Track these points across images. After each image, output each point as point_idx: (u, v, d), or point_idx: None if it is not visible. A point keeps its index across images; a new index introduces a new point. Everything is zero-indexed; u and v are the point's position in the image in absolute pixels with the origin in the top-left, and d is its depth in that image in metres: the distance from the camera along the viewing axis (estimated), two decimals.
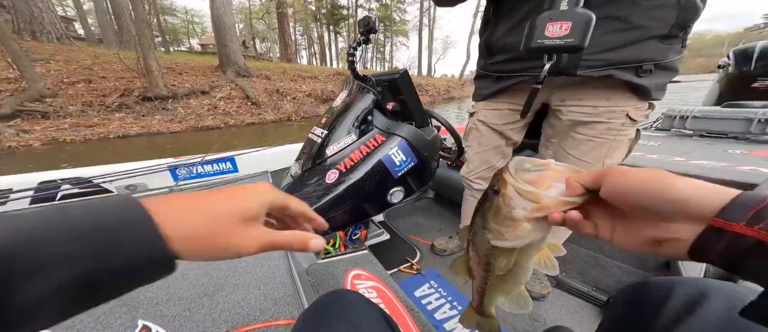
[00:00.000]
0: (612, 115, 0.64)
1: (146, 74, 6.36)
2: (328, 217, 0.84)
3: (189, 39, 34.06)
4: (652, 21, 0.55)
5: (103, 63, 7.28)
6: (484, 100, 0.86)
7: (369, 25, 0.84)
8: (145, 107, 6.32)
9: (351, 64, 0.91)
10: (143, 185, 1.22)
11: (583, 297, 0.90)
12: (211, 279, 0.61)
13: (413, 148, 0.86)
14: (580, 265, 1.01)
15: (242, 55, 9.48)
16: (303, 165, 0.92)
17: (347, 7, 26.27)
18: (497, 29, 0.74)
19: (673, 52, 0.58)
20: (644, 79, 0.59)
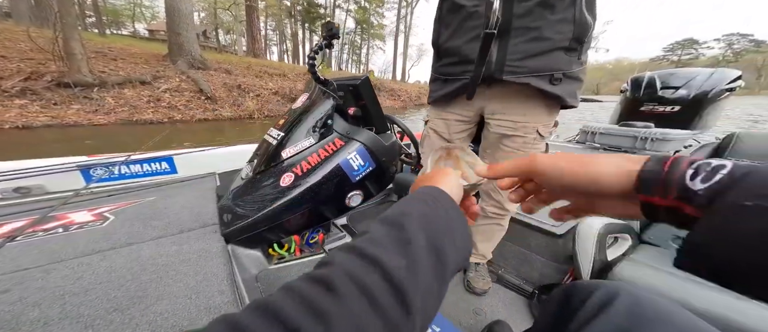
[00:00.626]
0: (526, 130, 0.76)
1: (66, 57, 5.26)
2: (281, 221, 0.81)
3: (133, 23, 29.26)
4: (557, 34, 0.65)
5: (4, 40, 5.83)
6: (435, 105, 0.90)
7: (332, 30, 0.84)
8: (59, 94, 5.21)
9: (312, 67, 0.90)
10: (41, 187, 0.99)
11: (516, 290, 1.00)
12: (127, 291, 0.52)
13: (372, 153, 0.87)
14: (514, 261, 1.13)
15: (200, 45, 8.51)
16: (256, 167, 0.87)
17: (325, 6, 25.61)
18: (442, 33, 0.80)
19: (575, 64, 0.70)
20: (556, 88, 0.69)
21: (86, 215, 0.78)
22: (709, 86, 1.95)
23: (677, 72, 2.16)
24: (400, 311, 0.18)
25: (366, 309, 0.17)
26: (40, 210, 0.77)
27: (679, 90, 2.02)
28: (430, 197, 0.25)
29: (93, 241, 0.65)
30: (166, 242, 0.67)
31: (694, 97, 1.96)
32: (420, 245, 0.21)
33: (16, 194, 0.95)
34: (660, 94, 2.07)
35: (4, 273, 0.53)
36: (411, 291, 0.18)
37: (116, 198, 0.91)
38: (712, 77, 2.00)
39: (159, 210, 0.82)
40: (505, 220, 0.95)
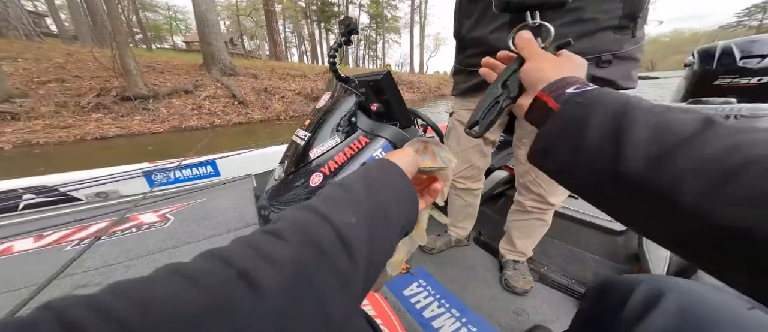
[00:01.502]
0: None
1: (124, 73, 6.02)
2: None
3: (172, 36, 32.48)
4: (602, 13, 0.57)
5: (77, 61, 6.83)
6: (460, 97, 0.86)
7: (350, 25, 0.82)
8: (124, 107, 5.99)
9: (333, 65, 0.89)
10: (116, 192, 1.16)
11: (564, 290, 0.92)
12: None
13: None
14: (560, 260, 1.03)
15: (229, 53, 9.15)
16: (287, 168, 0.89)
17: (338, 3, 25.81)
18: (465, 22, 0.74)
19: (628, 42, 0.60)
20: (606, 70, 0.61)
21: (152, 216, 0.89)
22: None
23: (762, 38, 1.78)
24: (348, 262, 0.19)
25: (315, 257, 0.18)
26: (117, 212, 0.90)
27: (766, 58, 1.67)
28: (381, 167, 0.27)
29: (160, 240, 0.74)
30: (217, 241, 0.74)
31: None
32: (367, 205, 0.22)
33: (97, 198, 1.12)
34: (741, 64, 1.72)
35: (97, 268, 0.63)
36: (357, 244, 0.20)
37: (174, 200, 1.02)
38: None
39: (208, 211, 0.90)
40: (547, 215, 0.86)
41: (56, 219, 0.88)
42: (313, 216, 0.20)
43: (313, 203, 0.22)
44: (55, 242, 0.74)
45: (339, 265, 0.18)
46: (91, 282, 0.58)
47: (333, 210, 0.21)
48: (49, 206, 1.03)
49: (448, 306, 0.88)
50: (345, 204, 0.22)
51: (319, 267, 0.18)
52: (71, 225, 0.84)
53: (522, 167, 0.84)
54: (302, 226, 0.19)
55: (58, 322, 0.12)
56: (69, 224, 0.85)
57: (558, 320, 0.82)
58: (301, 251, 0.18)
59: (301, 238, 0.18)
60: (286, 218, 0.20)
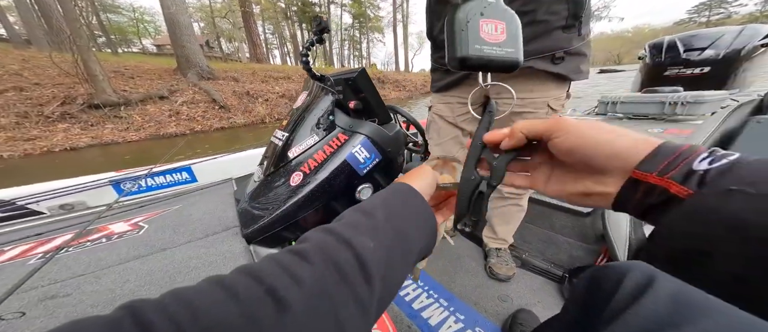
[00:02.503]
0: (535, 105, 0.71)
1: (89, 79, 5.57)
2: (297, 219, 0.83)
3: (140, 39, 30.36)
4: (551, 14, 0.61)
5: (34, 67, 6.24)
6: (438, 92, 0.87)
7: (321, 24, 0.81)
8: (93, 116, 5.57)
9: (306, 64, 0.88)
10: (82, 203, 1.07)
11: (543, 274, 0.96)
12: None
13: (376, 144, 0.85)
14: (539, 245, 1.08)
15: (205, 56, 8.74)
16: (266, 169, 0.87)
17: (319, 4, 25.27)
18: (436, 23, 0.75)
19: (576, 39, 0.65)
20: (559, 66, 0.66)
21: (124, 225, 0.84)
22: (741, 43, 1.79)
23: (699, 33, 1.99)
24: (365, 285, 0.20)
25: (335, 279, 0.19)
26: (83, 224, 0.83)
27: (705, 51, 1.87)
28: (398, 192, 0.28)
29: (133, 248, 0.70)
30: (195, 246, 0.71)
31: (724, 56, 1.81)
32: (385, 231, 0.23)
33: (62, 211, 1.03)
34: (684, 56, 1.92)
35: (64, 279, 0.59)
36: (374, 268, 0.21)
37: (147, 208, 0.97)
38: (743, 34, 1.83)
39: (185, 217, 0.86)
40: (523, 200, 0.90)
41: (17, 234, 0.81)
42: (335, 240, 0.22)
43: (336, 227, 0.23)
44: (17, 256, 0.69)
45: (356, 287, 0.20)
46: (59, 293, 0.54)
47: (353, 235, 0.22)
48: (7, 221, 0.94)
49: (436, 297, 0.90)
50: (365, 229, 0.23)
51: (339, 288, 0.19)
52: (33, 239, 0.78)
53: None
54: (325, 249, 0.21)
55: (133, 320, 0.14)
56: (30, 238, 0.78)
57: (539, 303, 0.85)
58: (324, 272, 0.19)
59: (323, 260, 0.20)
60: (311, 240, 0.22)
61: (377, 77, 14.02)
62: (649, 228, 0.71)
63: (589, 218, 0.96)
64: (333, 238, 0.22)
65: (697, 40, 1.94)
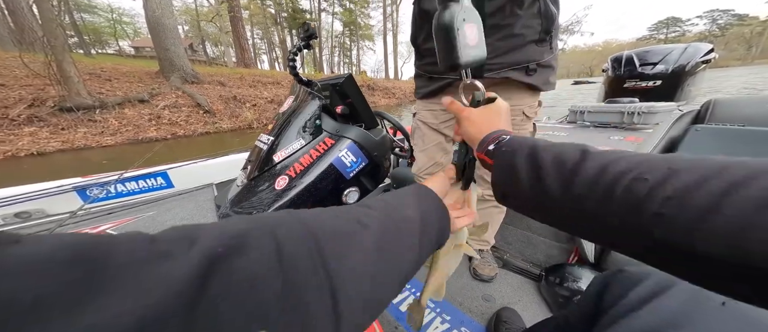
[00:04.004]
0: (513, 112, 0.74)
1: (62, 81, 5.20)
2: None
3: (117, 40, 28.82)
4: (527, 28, 0.65)
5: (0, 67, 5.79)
6: (422, 99, 0.89)
7: (309, 31, 0.82)
8: (65, 119, 5.17)
9: (293, 69, 0.87)
10: (41, 211, 0.97)
11: (523, 273, 0.98)
12: None
13: (362, 148, 0.85)
14: (518, 245, 1.11)
15: (189, 59, 8.45)
16: (250, 173, 0.84)
17: (310, 11, 25.26)
18: (419, 33, 0.77)
19: (547, 53, 0.70)
20: (532, 78, 0.70)
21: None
22: (685, 60, 1.98)
23: (653, 49, 2.17)
24: (412, 232, 0.27)
25: (392, 225, 0.25)
26: (40, 233, 0.76)
27: (657, 65, 2.05)
28: (421, 190, 0.33)
29: None
30: None
31: (672, 71, 1.99)
32: (416, 209, 0.29)
33: (17, 219, 0.93)
34: (640, 70, 2.10)
35: None
36: (415, 226, 0.27)
37: (116, 216, 0.89)
38: (687, 51, 2.02)
39: (160, 224, 0.80)
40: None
41: None
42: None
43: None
44: None
45: (404, 232, 0.26)
46: None
47: (397, 207, 0.28)
48: None
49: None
50: (401, 206, 0.28)
51: (395, 231, 0.25)
52: None
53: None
54: (381, 208, 0.26)
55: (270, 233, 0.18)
56: None
57: (520, 301, 0.88)
58: (383, 220, 0.25)
59: (382, 212, 0.26)
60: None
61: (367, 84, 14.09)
62: None
63: None
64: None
65: (650, 55, 2.13)
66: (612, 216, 0.20)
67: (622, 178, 0.20)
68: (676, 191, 0.17)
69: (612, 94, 2.18)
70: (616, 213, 0.20)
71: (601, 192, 0.21)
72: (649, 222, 0.18)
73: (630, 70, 2.15)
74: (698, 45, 2.09)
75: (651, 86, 2.06)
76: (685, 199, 0.17)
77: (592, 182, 0.22)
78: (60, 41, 5.22)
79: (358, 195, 0.90)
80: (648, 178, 0.19)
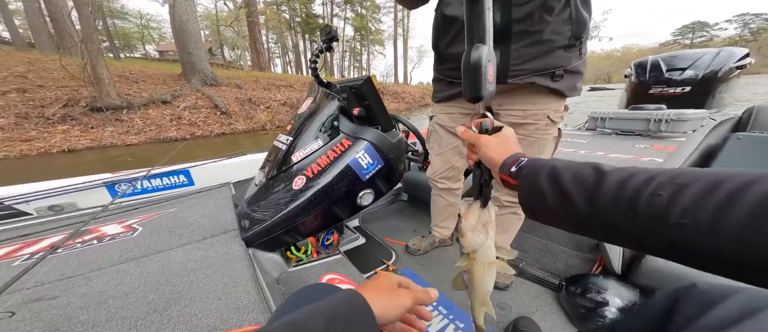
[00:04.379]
0: (537, 117, 0.72)
1: (95, 82, 5.58)
2: (296, 223, 0.82)
3: (144, 45, 30.61)
4: (556, 35, 0.63)
5: (39, 70, 6.22)
6: (439, 103, 0.88)
7: (330, 33, 0.83)
8: (95, 118, 5.52)
9: (314, 70, 0.89)
10: (72, 204, 1.02)
11: (540, 282, 0.95)
12: (162, 294, 0.53)
13: (379, 150, 0.85)
14: (535, 254, 1.07)
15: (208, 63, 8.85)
16: (268, 173, 0.86)
17: (323, 16, 25.89)
18: (442, 38, 0.77)
19: (575, 59, 0.68)
20: (558, 83, 0.68)
21: (117, 227, 0.80)
22: (718, 65, 1.86)
23: (681, 54, 2.06)
24: None
25: None
26: (73, 225, 0.79)
27: (686, 71, 1.94)
28: (347, 317, 0.26)
29: (126, 250, 0.67)
30: (192, 248, 0.68)
31: (703, 76, 1.88)
32: None
33: (50, 212, 0.98)
34: (667, 76, 1.99)
35: (52, 281, 0.56)
36: None
37: (141, 211, 0.93)
38: (719, 56, 1.90)
39: (182, 219, 0.83)
40: (519, 208, 0.91)
41: (1, 235, 0.76)
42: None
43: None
44: (1, 258, 0.65)
45: None
46: (46, 295, 0.51)
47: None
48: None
49: (435, 305, 0.88)
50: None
51: None
52: (18, 240, 0.74)
53: None
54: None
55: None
56: (15, 239, 0.74)
57: (538, 310, 0.84)
58: None
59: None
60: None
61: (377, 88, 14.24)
62: None
63: None
64: None
65: (678, 60, 2.02)
66: (638, 226, 0.23)
67: (642, 193, 0.23)
68: (690, 204, 0.21)
69: (635, 101, 2.08)
70: (643, 223, 0.23)
71: (626, 206, 0.24)
72: (672, 230, 0.21)
73: (656, 76, 2.05)
74: (732, 49, 1.95)
75: (679, 93, 1.95)
76: (698, 210, 0.20)
77: (614, 197, 0.25)
78: (95, 45, 5.61)
79: (373, 198, 0.90)
80: (663, 194, 0.22)
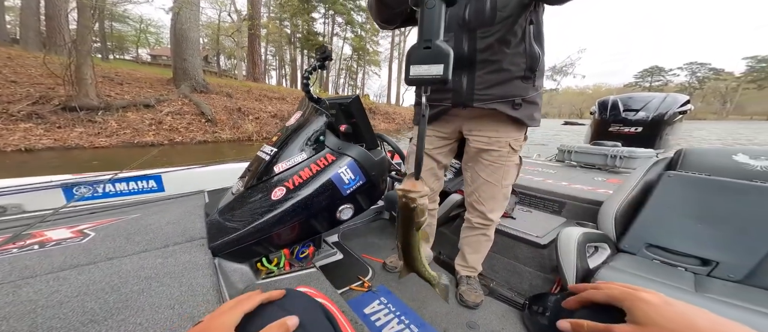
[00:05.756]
0: (500, 143, 0.81)
1: (75, 82, 5.34)
2: (271, 234, 0.81)
3: (137, 48, 30.11)
4: (513, 65, 0.73)
5: (17, 66, 5.90)
6: (418, 126, 0.97)
7: (325, 52, 0.90)
8: (65, 118, 5.18)
9: (306, 86, 0.94)
10: (18, 207, 0.91)
11: (508, 302, 0.98)
12: (105, 303, 0.48)
13: (362, 167, 0.88)
14: (504, 274, 1.11)
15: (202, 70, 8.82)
16: (247, 182, 0.86)
17: (323, 34, 26.95)
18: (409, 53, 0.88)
19: (531, 90, 0.77)
20: (518, 112, 0.77)
21: (65, 232, 0.73)
22: (664, 109, 2.11)
23: (636, 96, 2.32)
24: None
25: None
26: (14, 228, 0.72)
27: (639, 112, 2.18)
28: None
29: (71, 257, 0.61)
30: (150, 256, 0.64)
31: (652, 119, 2.11)
32: None
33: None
34: (623, 115, 2.22)
35: None
36: None
37: (99, 215, 0.86)
38: (666, 101, 2.16)
39: (144, 225, 0.78)
40: (490, 230, 0.95)
41: None
42: None
43: None
44: None
45: None
46: None
47: None
48: None
49: (407, 323, 0.87)
50: None
51: None
52: None
53: (469, 188, 0.93)
54: None
55: None
56: None
57: (503, 329, 0.86)
58: None
59: None
60: None
61: (369, 108, 14.59)
62: (594, 259, 0.78)
63: (547, 249, 1.02)
64: None
65: (633, 101, 2.28)
66: None
67: None
68: None
69: (597, 137, 2.29)
70: None
71: None
72: None
73: (615, 115, 2.28)
74: (676, 96, 2.23)
75: (633, 132, 2.17)
76: None
77: None
78: (87, 47, 5.45)
79: (352, 213, 0.91)
80: None
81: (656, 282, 0.74)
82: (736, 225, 0.80)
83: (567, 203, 1.26)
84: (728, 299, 0.67)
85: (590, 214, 1.12)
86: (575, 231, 0.83)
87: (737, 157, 0.89)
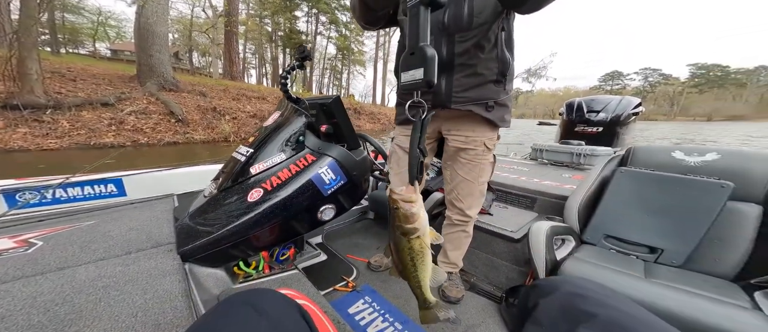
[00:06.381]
0: (476, 143, 0.85)
1: (18, 77, 4.72)
2: (248, 236, 0.78)
3: (95, 42, 27.24)
4: (486, 70, 0.78)
5: None
6: (400, 125, 0.97)
7: (304, 52, 0.88)
8: (5, 117, 4.56)
9: (284, 86, 0.92)
10: None
11: (487, 296, 1.03)
12: (54, 316, 0.44)
13: (343, 167, 0.87)
14: (483, 269, 1.16)
15: (172, 67, 8.20)
16: (221, 184, 0.82)
17: (306, 32, 26.22)
18: (399, 61, 0.90)
19: (502, 93, 0.83)
20: (491, 114, 0.81)
21: (6, 242, 0.66)
22: (620, 110, 2.33)
23: (597, 98, 2.53)
24: None
25: None
26: None
27: (600, 113, 2.38)
28: None
29: (14, 268, 0.55)
30: (109, 264, 0.59)
31: (610, 119, 2.32)
32: None
33: None
34: (587, 116, 2.42)
35: None
36: None
37: (48, 223, 0.78)
38: (621, 103, 2.39)
39: (101, 233, 0.71)
40: (469, 226, 0.99)
41: None
42: None
43: None
44: None
45: None
46: None
47: None
48: None
49: (391, 321, 0.88)
50: None
51: None
52: None
53: (449, 185, 0.96)
54: None
55: None
56: None
57: (483, 323, 0.90)
58: None
59: None
60: None
61: (354, 108, 14.45)
62: (561, 251, 0.86)
63: (520, 244, 1.09)
64: None
65: (595, 103, 2.51)
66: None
67: None
68: None
69: (565, 136, 2.48)
70: None
71: None
72: None
73: (579, 116, 2.48)
74: (630, 98, 2.48)
75: (595, 132, 2.38)
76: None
77: None
78: (32, 39, 4.83)
79: (334, 213, 0.90)
80: None
81: (612, 270, 0.81)
82: (675, 216, 0.90)
83: (538, 199, 1.34)
84: (671, 283, 0.74)
85: (558, 209, 1.20)
86: (544, 225, 0.89)
87: (675, 153, 1.00)
